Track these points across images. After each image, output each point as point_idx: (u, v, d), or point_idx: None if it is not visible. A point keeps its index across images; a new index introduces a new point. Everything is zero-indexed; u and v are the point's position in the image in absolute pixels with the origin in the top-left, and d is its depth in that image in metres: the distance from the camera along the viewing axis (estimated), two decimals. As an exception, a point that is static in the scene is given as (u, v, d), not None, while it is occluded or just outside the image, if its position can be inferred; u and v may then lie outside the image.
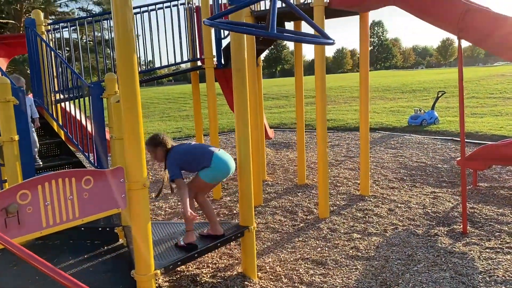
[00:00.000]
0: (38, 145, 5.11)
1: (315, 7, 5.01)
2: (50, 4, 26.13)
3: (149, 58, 7.05)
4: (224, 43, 6.62)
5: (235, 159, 3.71)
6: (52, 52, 5.12)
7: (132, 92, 2.70)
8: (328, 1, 5.12)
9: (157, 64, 7.29)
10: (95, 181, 2.60)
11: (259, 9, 5.90)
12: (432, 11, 4.53)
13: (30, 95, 5.53)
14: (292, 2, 5.66)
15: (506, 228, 4.74)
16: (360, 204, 5.81)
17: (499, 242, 4.40)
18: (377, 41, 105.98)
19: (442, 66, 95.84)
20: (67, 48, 6.77)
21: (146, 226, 2.85)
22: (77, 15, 29.16)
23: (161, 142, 3.65)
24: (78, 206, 2.54)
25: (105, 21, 7.00)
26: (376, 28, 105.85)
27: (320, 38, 2.66)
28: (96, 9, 30.36)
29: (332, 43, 2.64)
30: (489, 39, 4.34)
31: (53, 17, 28.18)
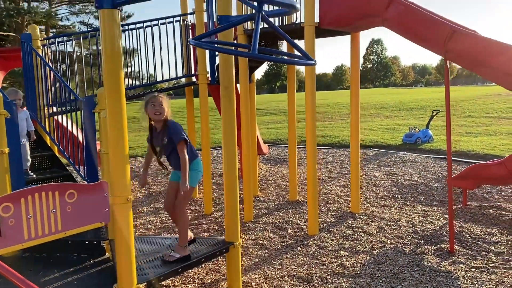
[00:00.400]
0: (29, 158, 5.15)
1: (306, 27, 5.11)
2: (51, 18, 26.40)
3: (146, 72, 7.15)
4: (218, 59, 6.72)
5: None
6: (47, 67, 5.20)
7: (117, 107, 2.75)
8: (318, 21, 5.23)
9: (156, 78, 7.41)
10: (79, 195, 2.64)
11: (252, 27, 6.01)
12: (419, 33, 4.63)
13: (25, 108, 5.58)
14: (284, 21, 5.79)
15: (493, 248, 4.76)
16: (350, 222, 5.83)
17: (485, 261, 4.42)
18: (376, 58, 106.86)
19: (441, 84, 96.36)
20: (65, 62, 6.85)
21: (129, 240, 2.87)
22: (78, 28, 29.47)
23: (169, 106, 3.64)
24: (61, 219, 2.57)
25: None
26: (375, 46, 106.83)
27: (302, 59, 2.74)
28: (97, 23, 30.66)
29: (314, 64, 2.71)
30: (475, 61, 4.42)
31: (54, 30, 28.47)
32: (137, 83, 7.62)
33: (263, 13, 2.61)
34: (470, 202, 6.55)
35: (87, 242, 4.03)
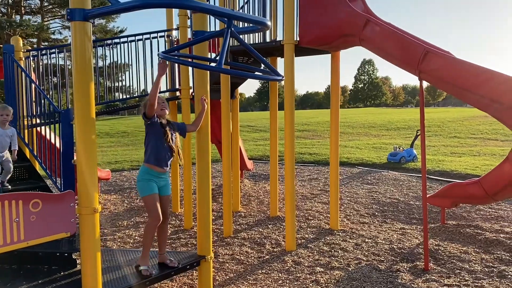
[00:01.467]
0: (11, 171, 5.08)
1: (285, 45, 5.20)
2: (43, 31, 26.50)
3: (130, 86, 7.20)
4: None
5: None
6: (27, 78, 5.22)
7: (87, 119, 2.78)
8: (298, 39, 5.33)
9: (136, 93, 7.44)
10: (44, 204, 2.65)
11: (233, 44, 6.10)
12: (394, 53, 4.74)
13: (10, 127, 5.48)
14: (266, 39, 5.88)
15: (467, 266, 4.80)
16: (328, 238, 5.85)
17: (458, 279, 4.45)
18: (367, 78, 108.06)
19: (431, 105, 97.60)
20: (55, 75, 6.89)
21: (95, 252, 2.87)
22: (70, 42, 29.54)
23: None
24: (24, 229, 2.57)
25: (94, 49, 7.18)
26: (366, 66, 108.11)
27: (271, 74, 2.80)
28: (90, 38, 30.76)
29: (281, 80, 2.77)
30: (447, 82, 4.53)
31: (46, 43, 28.54)
32: (122, 96, 7.66)
33: (232, 29, 2.68)
34: (448, 221, 6.61)
35: (58, 254, 4.00)
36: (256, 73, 2.93)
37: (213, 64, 3.23)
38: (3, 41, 25.24)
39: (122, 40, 6.99)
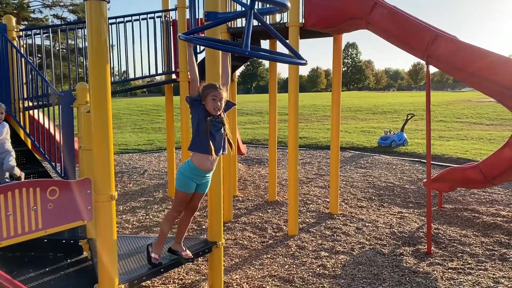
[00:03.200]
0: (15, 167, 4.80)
1: (290, 27, 5.10)
2: (23, 10, 25.62)
3: (124, 69, 7.01)
4: (200, 57, 6.64)
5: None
6: (23, 59, 5.02)
7: (103, 104, 2.67)
8: (303, 22, 5.23)
9: (131, 75, 7.26)
10: (61, 192, 2.54)
11: (235, 26, 5.97)
12: (402, 37, 4.69)
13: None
14: (268, 21, 5.77)
15: (468, 249, 4.87)
16: (329, 222, 5.86)
17: (461, 263, 4.52)
18: (350, 62, 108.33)
19: (413, 89, 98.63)
20: (39, 55, 6.63)
21: (112, 240, 2.79)
22: (51, 22, 28.68)
23: None
24: (42, 217, 2.47)
25: (80, 30, 6.93)
26: (350, 50, 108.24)
27: (293, 58, 2.72)
28: (71, 17, 29.94)
29: (305, 64, 2.70)
30: (455, 66, 4.51)
31: (26, 23, 27.61)
32: (112, 79, 7.44)
33: (255, 10, 2.58)
34: (445, 204, 6.69)
35: (64, 241, 3.91)
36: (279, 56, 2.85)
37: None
38: (-19, 19, 24.33)
39: (111, 21, 6.74)
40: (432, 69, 4.58)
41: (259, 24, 2.75)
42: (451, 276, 4.19)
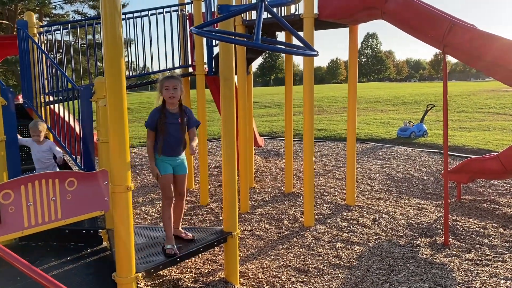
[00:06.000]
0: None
1: (305, 19, 5.09)
2: (45, 6, 26.11)
3: (142, 63, 7.11)
4: (216, 50, 6.68)
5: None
6: (43, 55, 5.14)
7: (118, 97, 2.74)
8: (318, 13, 5.21)
9: (150, 69, 7.36)
10: (79, 183, 2.63)
11: (250, 18, 5.98)
12: (418, 26, 4.63)
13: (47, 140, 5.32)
14: (282, 13, 5.76)
15: (487, 241, 4.82)
16: (345, 214, 5.87)
17: (479, 254, 4.48)
18: (371, 53, 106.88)
19: (435, 79, 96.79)
20: (60, 51, 6.79)
21: (129, 229, 2.88)
22: (72, 17, 29.14)
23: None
24: (61, 207, 2.57)
25: (98, 25, 7.05)
26: (370, 40, 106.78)
27: (304, 50, 2.73)
28: (91, 12, 30.39)
29: (316, 55, 2.71)
30: (473, 55, 4.44)
31: (48, 19, 28.15)
32: (131, 73, 7.56)
33: (266, 2, 2.60)
34: (464, 195, 6.61)
35: (84, 231, 4.03)
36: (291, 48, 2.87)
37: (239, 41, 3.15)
38: (4, 16, 24.90)
39: (128, 16, 6.82)
40: (454, 59, 4.52)
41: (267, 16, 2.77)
42: (468, 267, 4.16)
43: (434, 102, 19.15)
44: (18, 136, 4.59)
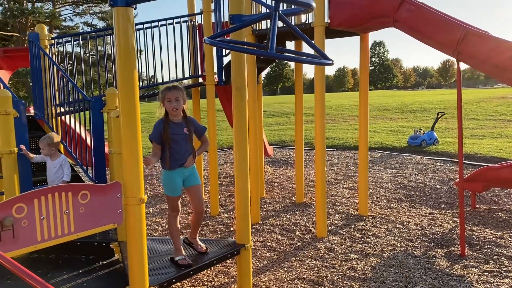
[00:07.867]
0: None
1: (316, 27, 5.06)
2: (55, 18, 26.44)
3: (152, 73, 7.12)
4: (226, 60, 6.68)
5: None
6: (55, 66, 5.16)
7: (131, 108, 2.71)
8: (328, 21, 5.18)
9: (159, 80, 7.36)
10: (92, 195, 2.60)
11: (260, 28, 5.97)
12: (431, 34, 4.58)
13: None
14: (293, 21, 5.74)
15: (505, 252, 4.70)
16: (358, 224, 5.78)
17: (498, 265, 4.37)
18: (378, 61, 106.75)
19: (443, 87, 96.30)
20: (70, 62, 6.82)
21: (142, 242, 2.83)
22: (82, 29, 29.48)
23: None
24: (74, 220, 2.53)
25: (108, 36, 7.09)
26: (377, 48, 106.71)
27: (319, 59, 2.69)
28: (100, 24, 30.72)
29: (331, 64, 2.66)
30: (487, 62, 4.38)
31: (58, 31, 28.50)
32: (141, 84, 7.56)
33: (280, 11, 2.57)
34: (478, 205, 6.50)
35: (96, 244, 3.99)
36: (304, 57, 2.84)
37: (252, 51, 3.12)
38: (15, 29, 25.24)
39: (139, 27, 6.84)
40: (462, 66, 4.46)
41: (284, 25, 2.73)
42: (487, 279, 4.06)
43: (444, 110, 18.99)
44: (33, 155, 4.40)
